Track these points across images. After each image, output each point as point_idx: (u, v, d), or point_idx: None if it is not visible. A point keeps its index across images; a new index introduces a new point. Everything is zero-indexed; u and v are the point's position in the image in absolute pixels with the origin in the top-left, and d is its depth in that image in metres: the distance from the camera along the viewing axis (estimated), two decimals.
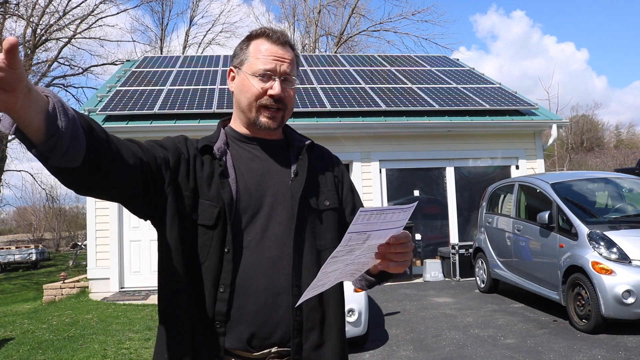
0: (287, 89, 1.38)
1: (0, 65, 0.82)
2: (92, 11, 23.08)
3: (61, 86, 23.85)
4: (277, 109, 1.38)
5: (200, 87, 10.58)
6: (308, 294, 1.13)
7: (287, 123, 1.52)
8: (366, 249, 1.12)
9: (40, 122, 0.92)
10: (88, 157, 1.02)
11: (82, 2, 22.81)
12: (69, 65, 23.94)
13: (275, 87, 1.35)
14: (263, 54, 1.38)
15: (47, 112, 0.93)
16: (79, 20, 22.95)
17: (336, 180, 1.48)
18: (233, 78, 1.45)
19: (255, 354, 1.28)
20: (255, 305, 1.26)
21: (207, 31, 29.90)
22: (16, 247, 21.43)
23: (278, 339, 1.28)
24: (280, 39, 1.40)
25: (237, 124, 1.46)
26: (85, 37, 23.74)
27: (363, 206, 1.46)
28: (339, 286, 1.38)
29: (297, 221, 1.33)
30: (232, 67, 1.45)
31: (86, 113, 9.41)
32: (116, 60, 24.11)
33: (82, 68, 24.50)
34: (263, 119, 1.37)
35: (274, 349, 1.28)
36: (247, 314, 1.26)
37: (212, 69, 12.17)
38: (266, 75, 1.36)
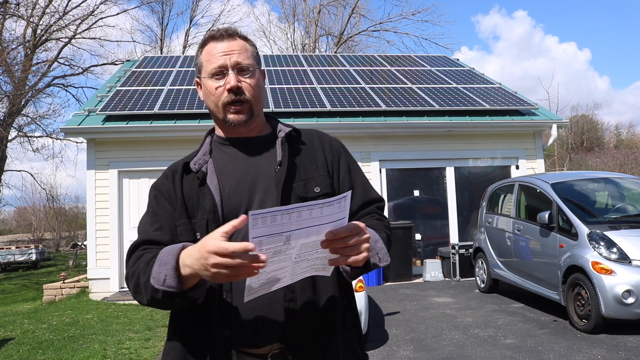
0: (243, 79, 1.38)
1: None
2: (92, 11, 23.10)
3: (61, 86, 23.86)
4: (240, 101, 1.38)
5: None
6: (259, 291, 1.14)
7: (279, 119, 1.53)
8: (312, 244, 1.10)
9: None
10: None
11: (82, 2, 22.83)
12: (69, 65, 23.90)
13: (229, 80, 1.36)
14: (211, 54, 1.39)
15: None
16: (79, 21, 22.98)
17: (330, 164, 1.45)
18: (200, 88, 1.46)
19: (257, 350, 1.29)
20: (253, 303, 1.25)
21: (207, 31, 29.83)
22: (16, 247, 21.43)
23: (278, 335, 1.28)
24: (225, 34, 1.40)
25: (217, 129, 1.48)
26: (85, 37, 23.75)
27: (365, 185, 1.48)
28: (335, 279, 1.33)
29: None
30: (196, 79, 1.48)
31: (86, 113, 9.43)
32: (116, 60, 24.11)
33: (82, 68, 24.52)
34: (230, 116, 1.38)
35: (276, 345, 1.28)
36: (246, 311, 1.28)
37: None
38: (220, 73, 1.37)
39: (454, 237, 9.77)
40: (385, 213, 1.54)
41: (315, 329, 1.30)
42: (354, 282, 1.49)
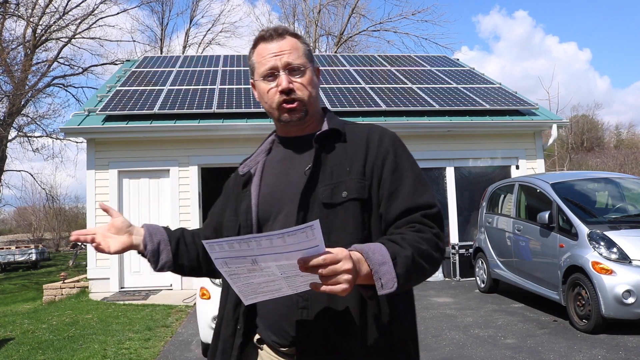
0: (295, 79, 1.37)
1: None
2: (92, 11, 23.09)
3: (61, 86, 23.86)
4: (292, 100, 1.37)
5: (200, 87, 10.57)
6: (257, 297, 1.18)
7: (332, 112, 1.50)
8: (292, 266, 1.07)
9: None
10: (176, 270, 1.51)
11: (82, 2, 22.83)
12: (69, 65, 23.90)
13: (280, 82, 1.36)
14: (262, 55, 1.39)
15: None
16: (79, 20, 22.97)
17: (371, 165, 1.33)
18: (255, 89, 1.47)
19: (282, 349, 1.32)
20: (273, 304, 1.28)
21: (207, 31, 29.83)
22: (16, 247, 21.43)
23: (292, 338, 1.28)
24: (275, 34, 1.40)
25: (277, 129, 1.50)
26: (85, 37, 23.75)
27: (413, 189, 1.30)
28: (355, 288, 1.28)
29: (298, 219, 1.30)
30: (251, 81, 1.48)
31: (86, 113, 9.43)
32: (116, 60, 24.10)
33: (82, 68, 24.52)
34: (284, 115, 1.39)
35: (296, 347, 1.29)
36: (269, 314, 1.33)
37: (212, 69, 12.17)
38: (271, 75, 1.37)
39: (454, 237, 9.77)
40: None
41: (327, 336, 1.26)
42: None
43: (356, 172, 1.32)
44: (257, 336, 1.38)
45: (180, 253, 1.48)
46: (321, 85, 10.81)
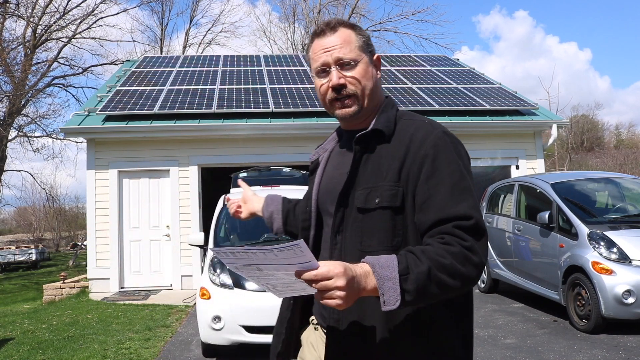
0: (347, 73, 1.35)
1: None
2: (92, 11, 23.08)
3: (61, 86, 23.85)
4: (345, 96, 1.37)
5: (200, 87, 10.57)
6: (284, 293, 1.23)
7: (394, 104, 1.46)
8: (290, 275, 1.11)
9: None
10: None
11: (82, 2, 22.82)
12: (69, 65, 23.86)
13: (331, 78, 1.36)
14: (315, 52, 1.40)
15: None
16: (79, 20, 22.95)
17: (407, 170, 1.27)
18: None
19: (322, 330, 1.42)
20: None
21: (207, 31, 29.82)
22: (16, 247, 21.43)
23: (329, 321, 1.37)
24: (327, 28, 1.39)
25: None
26: (85, 37, 23.72)
27: (448, 198, 1.22)
28: None
29: (335, 219, 1.35)
30: (312, 76, 1.49)
31: (86, 113, 9.43)
32: (116, 60, 24.08)
33: (82, 68, 24.48)
34: (337, 111, 1.40)
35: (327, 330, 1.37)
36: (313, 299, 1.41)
37: (212, 69, 12.17)
38: (324, 71, 1.38)
39: None
40: None
41: (354, 322, 1.31)
42: None
43: (391, 177, 1.28)
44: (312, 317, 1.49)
45: (289, 222, 1.72)
46: None
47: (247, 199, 1.83)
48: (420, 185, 1.25)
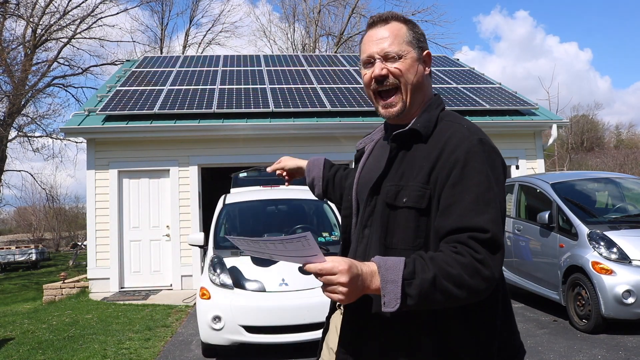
0: (391, 66, 1.35)
1: None
2: (92, 11, 23.09)
3: (61, 86, 23.85)
4: (388, 90, 1.36)
5: (200, 87, 10.57)
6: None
7: (441, 104, 1.44)
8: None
9: None
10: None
11: (82, 2, 22.82)
12: (68, 65, 23.87)
13: (374, 69, 1.36)
14: (364, 42, 1.41)
15: None
16: (79, 20, 22.96)
17: (437, 173, 1.26)
18: None
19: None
20: None
21: (207, 31, 29.81)
22: (16, 247, 21.43)
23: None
24: (379, 20, 1.40)
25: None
26: (85, 37, 23.74)
27: (470, 207, 1.21)
28: None
29: (364, 212, 1.38)
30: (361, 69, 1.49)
31: (86, 113, 9.43)
32: (116, 60, 24.09)
33: (82, 68, 24.49)
34: (381, 110, 1.41)
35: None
36: None
37: (212, 69, 12.17)
38: (370, 62, 1.38)
39: None
40: None
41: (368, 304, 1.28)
42: None
43: (421, 179, 1.28)
44: None
45: (328, 190, 1.77)
46: (321, 85, 10.81)
47: (285, 160, 1.90)
48: (446, 190, 1.24)
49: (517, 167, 10.02)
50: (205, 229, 7.38)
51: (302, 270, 1.17)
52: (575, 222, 5.66)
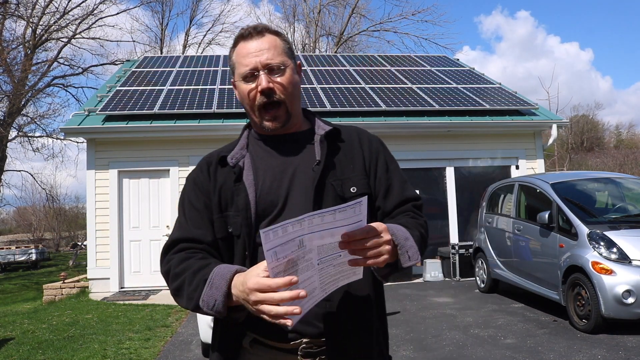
0: (275, 78, 1.35)
1: None
2: (92, 11, 23.10)
3: (61, 86, 23.86)
4: (274, 103, 1.36)
5: (200, 87, 10.58)
6: (307, 305, 1.14)
7: (311, 111, 1.52)
8: (331, 247, 1.12)
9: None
10: None
11: (82, 2, 22.83)
12: (69, 65, 23.87)
13: (260, 82, 1.34)
14: (241, 55, 1.37)
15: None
16: (79, 21, 22.97)
17: (368, 163, 1.43)
18: (236, 89, 1.44)
19: (286, 345, 1.29)
20: None
21: (207, 31, 29.89)
22: (16, 247, 21.43)
23: (313, 331, 1.28)
24: (254, 32, 1.38)
25: (255, 126, 1.48)
26: (85, 37, 23.74)
27: (403, 184, 1.46)
28: (370, 277, 1.35)
29: (314, 210, 1.31)
30: (232, 81, 1.46)
31: (86, 113, 9.43)
32: (116, 60, 24.09)
33: (82, 68, 24.50)
34: (267, 123, 1.38)
35: (305, 340, 1.28)
36: None
37: (212, 69, 12.17)
38: (252, 75, 1.35)
39: (454, 237, 9.77)
40: None
41: (352, 326, 1.30)
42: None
43: (359, 170, 1.40)
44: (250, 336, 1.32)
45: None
46: (321, 86, 10.82)
47: None
48: (381, 176, 1.44)
49: (517, 167, 10.03)
50: None
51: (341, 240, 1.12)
52: (575, 222, 5.67)
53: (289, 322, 1.06)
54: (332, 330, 1.28)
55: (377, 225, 1.17)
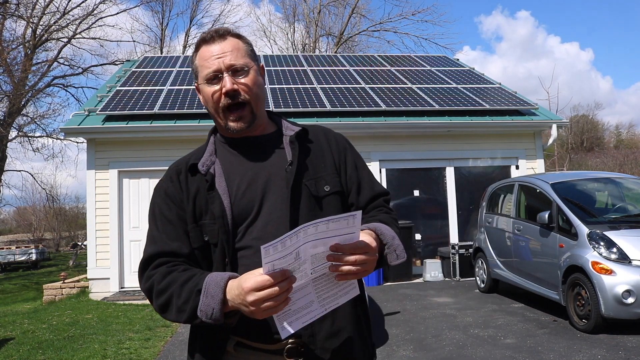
0: (239, 80, 1.35)
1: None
2: (92, 11, 23.10)
3: (61, 86, 23.86)
4: (239, 104, 1.36)
5: None
6: (294, 324, 1.15)
7: (283, 117, 1.53)
8: (320, 257, 1.14)
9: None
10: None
11: (82, 2, 22.83)
12: (69, 65, 23.88)
13: (225, 84, 1.34)
14: (204, 58, 1.37)
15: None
16: (79, 21, 22.97)
17: (338, 161, 1.46)
18: (199, 92, 1.44)
19: (271, 346, 1.29)
20: None
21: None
22: (16, 247, 21.43)
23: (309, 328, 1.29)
24: (216, 35, 1.38)
25: (221, 130, 1.47)
26: (85, 37, 23.75)
27: (371, 179, 1.51)
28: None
29: (292, 211, 1.32)
30: (195, 85, 1.46)
31: (86, 113, 9.43)
32: (116, 60, 24.10)
33: (82, 68, 24.50)
34: (231, 124, 1.37)
35: (290, 340, 1.28)
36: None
37: None
38: (215, 77, 1.35)
39: (453, 237, 9.77)
40: None
41: (337, 324, 1.32)
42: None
43: (330, 168, 1.43)
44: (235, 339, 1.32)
45: None
46: (321, 86, 10.82)
47: None
48: (351, 173, 1.47)
49: (517, 167, 10.03)
50: None
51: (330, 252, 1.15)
52: (575, 222, 5.67)
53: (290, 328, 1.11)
54: (316, 329, 1.29)
55: (369, 241, 1.20)
